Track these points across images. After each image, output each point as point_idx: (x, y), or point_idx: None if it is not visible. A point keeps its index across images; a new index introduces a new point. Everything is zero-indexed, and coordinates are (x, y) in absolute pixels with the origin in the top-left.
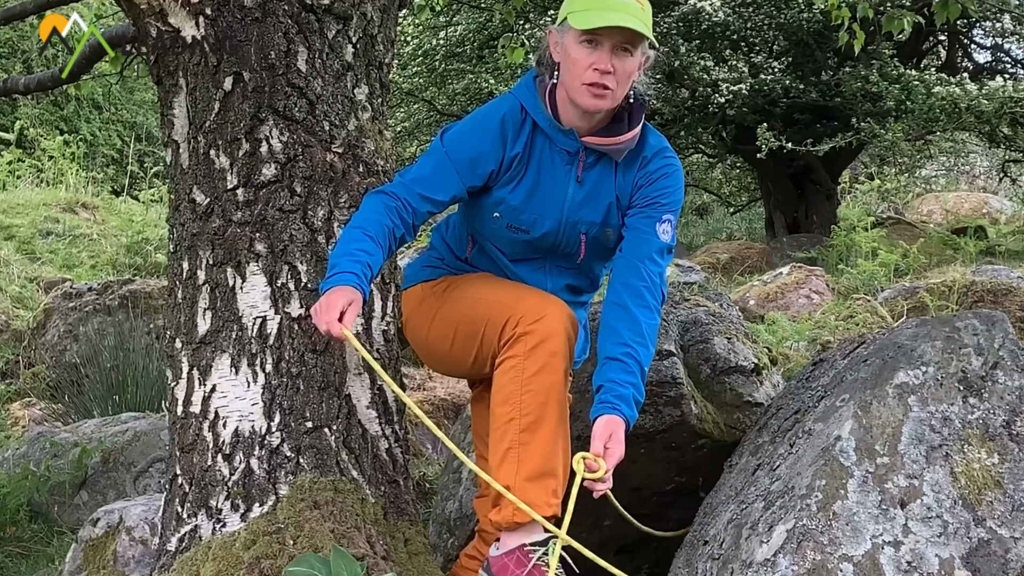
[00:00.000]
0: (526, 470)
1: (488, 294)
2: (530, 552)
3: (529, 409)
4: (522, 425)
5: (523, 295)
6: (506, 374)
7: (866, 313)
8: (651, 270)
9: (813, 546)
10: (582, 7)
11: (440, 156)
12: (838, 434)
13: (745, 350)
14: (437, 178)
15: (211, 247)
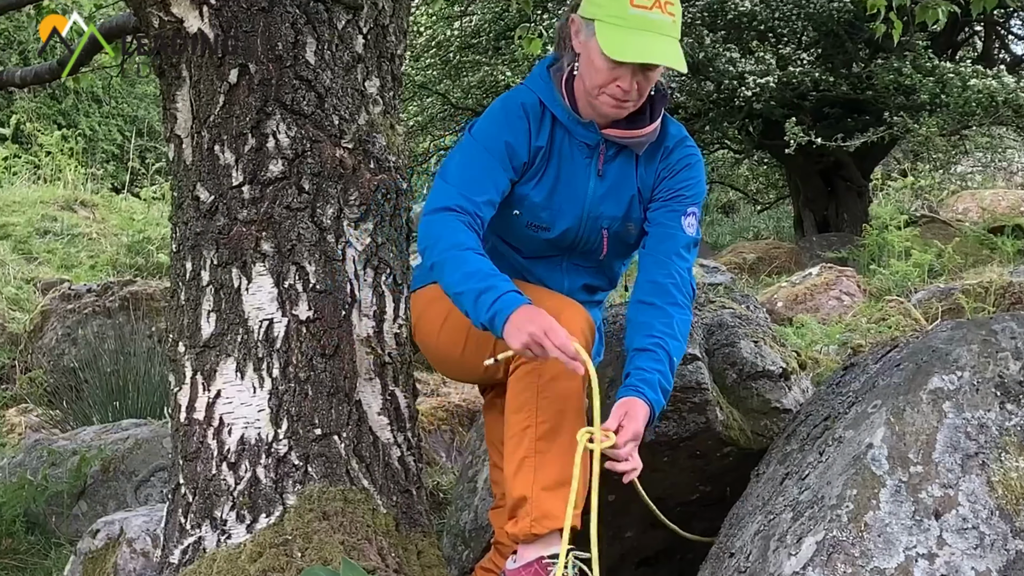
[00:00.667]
0: (543, 479)
1: None
2: (548, 565)
3: (546, 416)
4: (539, 433)
5: (538, 298)
6: (521, 380)
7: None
8: (679, 266)
9: (844, 559)
10: (613, 19)
11: (479, 152)
12: (870, 442)
13: (773, 354)
14: (488, 177)
15: (215, 247)
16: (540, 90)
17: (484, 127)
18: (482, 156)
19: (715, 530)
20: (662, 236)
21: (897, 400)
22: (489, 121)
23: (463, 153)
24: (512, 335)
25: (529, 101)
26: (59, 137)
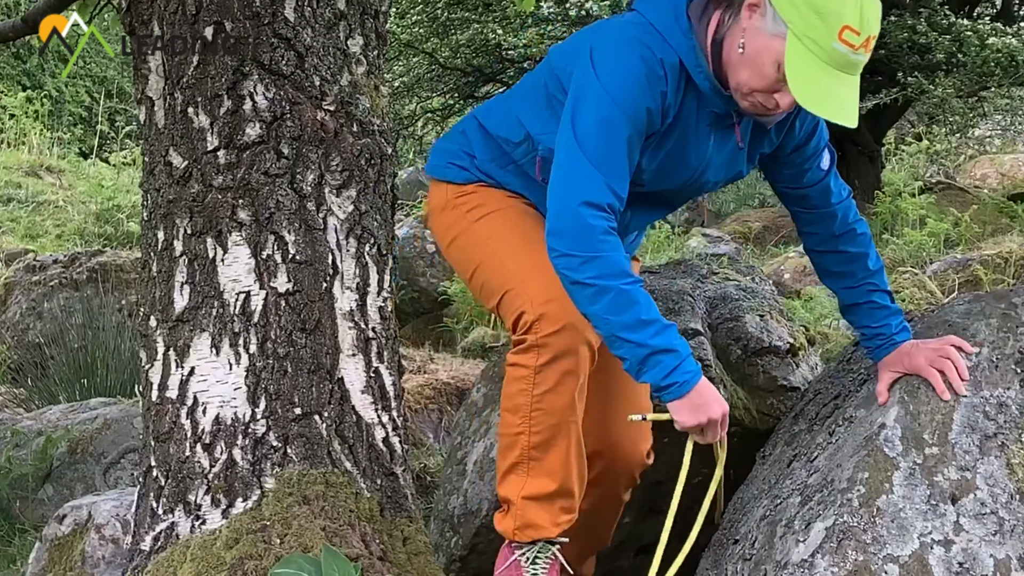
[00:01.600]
0: (531, 488)
1: (511, 262)
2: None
3: (539, 428)
4: (532, 442)
5: (549, 283)
6: (515, 383)
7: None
8: (837, 198)
9: (855, 545)
10: (810, 42)
11: (621, 123)
12: (882, 422)
13: (779, 329)
14: (629, 162)
15: (189, 215)
16: (681, 48)
17: (623, 87)
18: (623, 130)
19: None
20: (813, 193)
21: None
22: (628, 80)
23: (603, 121)
24: (688, 413)
25: (669, 61)
26: (23, 99)
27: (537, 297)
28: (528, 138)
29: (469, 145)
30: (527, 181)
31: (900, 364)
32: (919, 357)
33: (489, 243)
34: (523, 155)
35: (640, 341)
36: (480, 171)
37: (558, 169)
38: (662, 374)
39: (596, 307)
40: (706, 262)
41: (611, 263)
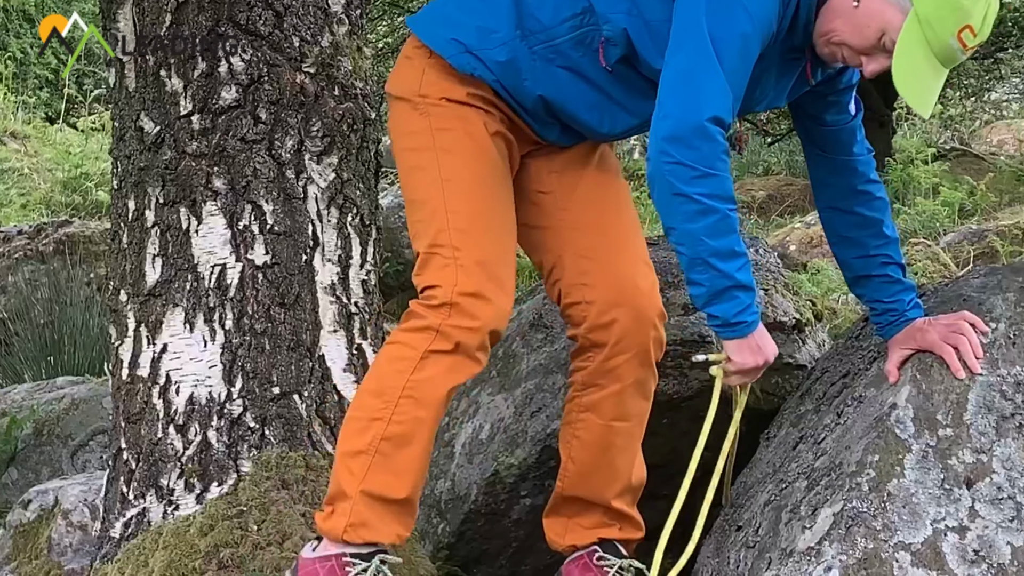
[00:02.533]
0: (374, 484)
1: (459, 225)
2: (348, 565)
3: (403, 419)
4: (389, 432)
5: (486, 271)
6: (393, 362)
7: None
8: (860, 149)
9: (864, 532)
10: (930, 32)
11: (754, 35)
12: (893, 401)
13: (785, 303)
14: (746, 80)
15: (161, 183)
16: None
17: (761, 4)
18: (756, 49)
19: (719, 500)
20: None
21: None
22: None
23: (743, 36)
24: (749, 353)
25: None
26: None
27: (465, 284)
28: (589, 11)
29: (492, 16)
30: (561, 71)
31: (912, 341)
32: (932, 333)
33: (446, 186)
34: (571, 32)
35: (728, 271)
36: (493, 58)
37: (691, 71)
38: (735, 310)
39: (695, 225)
40: None
41: (725, 184)
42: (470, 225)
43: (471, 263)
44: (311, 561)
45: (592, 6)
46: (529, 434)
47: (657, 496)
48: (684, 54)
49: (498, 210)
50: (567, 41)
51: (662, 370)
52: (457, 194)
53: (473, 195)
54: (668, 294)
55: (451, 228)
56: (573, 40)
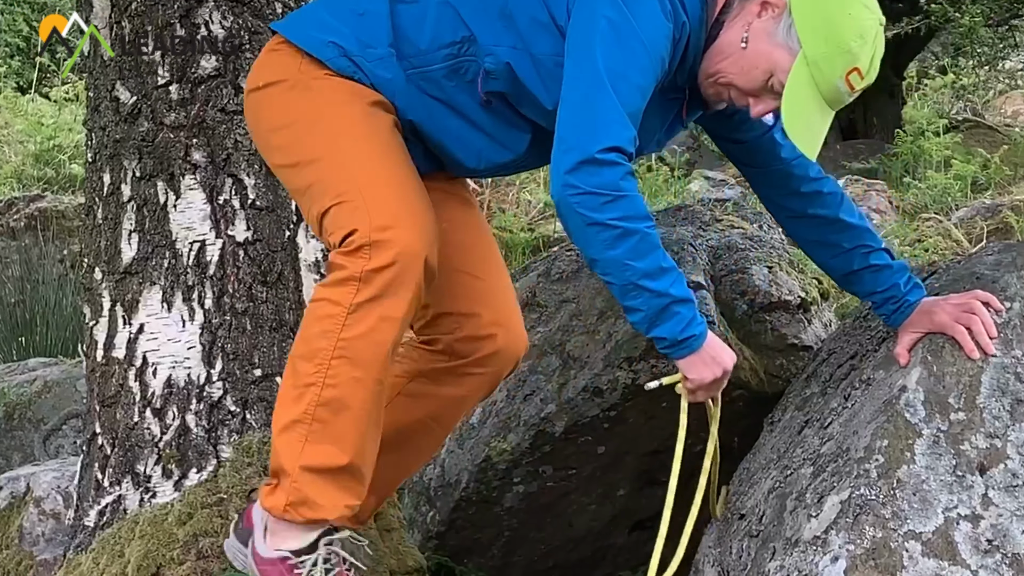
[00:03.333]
0: (312, 457)
1: (360, 169)
2: (296, 568)
3: (336, 382)
4: (323, 398)
5: (399, 206)
6: (319, 321)
7: (937, 236)
8: (789, 153)
9: (873, 521)
10: (818, 73)
11: (649, 67)
12: (903, 384)
13: (790, 281)
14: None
15: (138, 156)
16: (695, 18)
17: (656, 38)
18: (652, 81)
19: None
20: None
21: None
22: (660, 31)
23: (639, 69)
24: (704, 368)
25: (679, 22)
26: None
27: (379, 218)
28: (469, 41)
29: (368, 31)
30: (432, 100)
31: (922, 323)
32: (942, 314)
33: (339, 140)
34: (446, 61)
35: (661, 289)
36: (373, 71)
37: (587, 103)
38: (680, 326)
39: (617, 251)
40: (709, 208)
41: (637, 204)
42: (376, 172)
43: (382, 200)
44: (262, 560)
45: (474, 36)
46: (522, 418)
47: (656, 482)
48: (580, 88)
49: (400, 156)
50: (441, 69)
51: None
52: (356, 144)
53: (374, 145)
54: None
55: (355, 176)
56: (447, 68)
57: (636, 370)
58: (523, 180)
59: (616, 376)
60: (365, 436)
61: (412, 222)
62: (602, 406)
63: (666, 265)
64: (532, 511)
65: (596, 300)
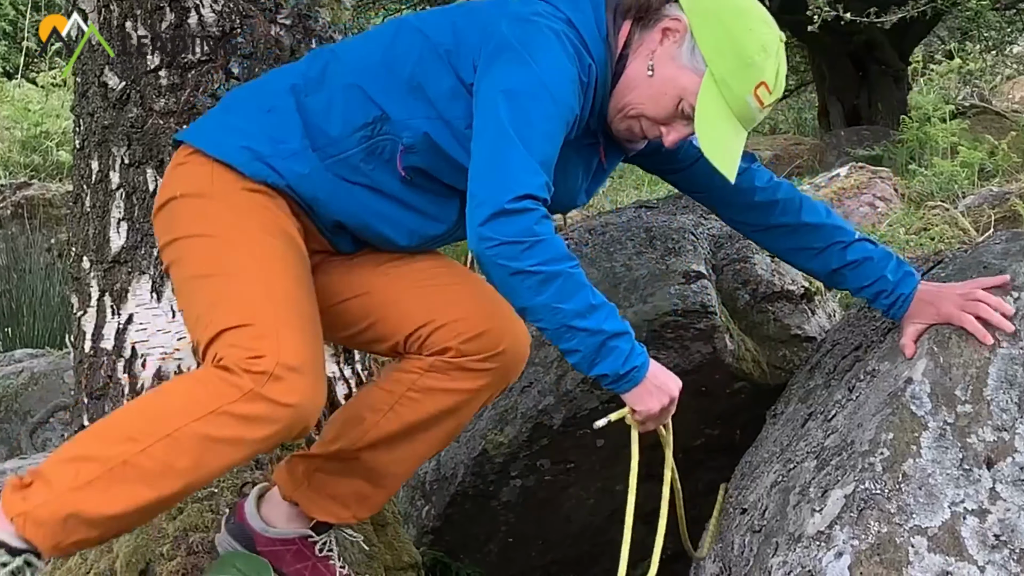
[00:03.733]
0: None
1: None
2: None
3: (154, 458)
4: (132, 459)
5: (310, 348)
6: (188, 393)
7: (944, 225)
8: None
9: (878, 515)
10: (728, 91)
11: (559, 124)
12: (909, 376)
13: (793, 271)
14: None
15: (127, 142)
16: (599, 58)
17: (561, 84)
18: (561, 129)
19: (724, 481)
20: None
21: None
22: (564, 78)
23: (545, 116)
24: (650, 396)
25: (585, 64)
26: None
27: (289, 357)
28: (382, 120)
29: (278, 127)
30: (355, 187)
31: (926, 314)
32: (946, 304)
33: (252, 260)
34: (361, 143)
35: (594, 327)
36: (289, 167)
37: (493, 156)
38: (620, 360)
39: (543, 296)
40: None
41: (555, 246)
42: (290, 302)
43: (295, 340)
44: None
45: (386, 114)
46: (519, 411)
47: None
48: (486, 142)
49: (311, 295)
50: (358, 153)
51: (662, 342)
52: (271, 269)
53: (290, 274)
54: (668, 261)
55: (268, 304)
56: (364, 151)
57: None
58: None
59: None
60: (132, 521)
61: (317, 376)
62: (601, 398)
63: (595, 302)
64: (530, 506)
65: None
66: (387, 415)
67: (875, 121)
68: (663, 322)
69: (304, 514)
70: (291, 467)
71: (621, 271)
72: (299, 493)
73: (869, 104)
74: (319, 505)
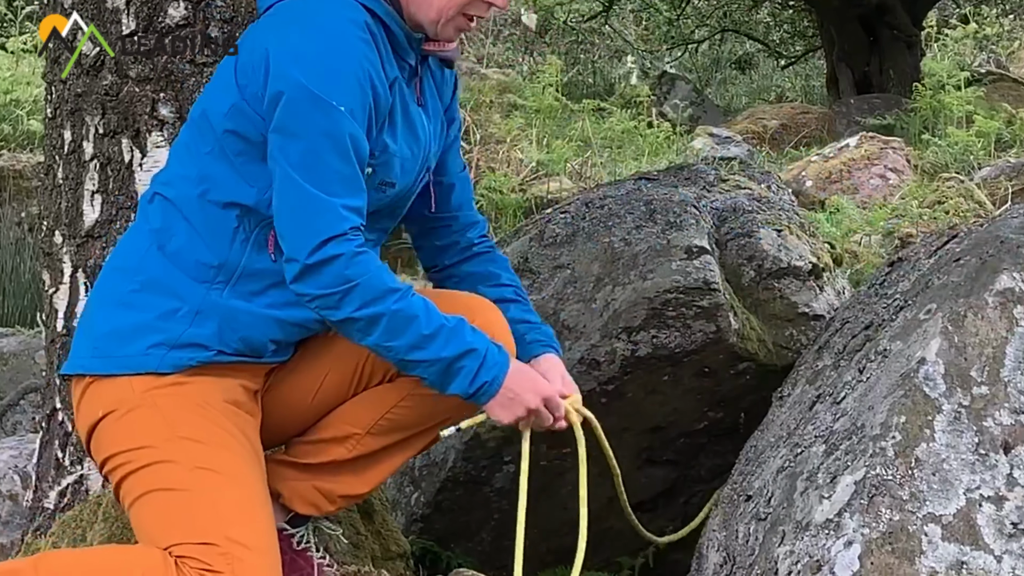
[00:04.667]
0: None
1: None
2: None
3: None
4: None
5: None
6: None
7: (959, 198)
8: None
9: (890, 503)
10: None
11: (337, 121)
12: (922, 356)
13: (801, 246)
14: (359, 157)
15: (101, 111)
16: (377, 6)
17: (329, 72)
18: (346, 129)
19: (728, 467)
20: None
21: (956, 303)
22: (333, 58)
23: (320, 133)
24: (505, 407)
25: (361, 19)
26: None
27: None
28: (245, 212)
29: (159, 298)
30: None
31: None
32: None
33: (204, 475)
34: (242, 247)
35: (432, 357)
36: (196, 336)
37: (282, 208)
38: (467, 381)
39: (374, 337)
40: (713, 167)
41: (371, 287)
42: (240, 514)
43: (251, 556)
44: None
45: (245, 205)
46: None
47: (657, 461)
48: (278, 198)
49: (262, 495)
50: (245, 260)
51: (662, 320)
52: (218, 480)
53: (236, 480)
54: (670, 236)
55: (220, 518)
56: (252, 251)
57: (635, 341)
58: (514, 138)
59: (614, 347)
60: None
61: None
62: (599, 379)
63: (427, 332)
64: None
65: (592, 266)
66: (378, 422)
67: (886, 89)
68: (664, 300)
69: (282, 507)
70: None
71: (620, 246)
72: (282, 483)
73: (880, 71)
74: (302, 497)
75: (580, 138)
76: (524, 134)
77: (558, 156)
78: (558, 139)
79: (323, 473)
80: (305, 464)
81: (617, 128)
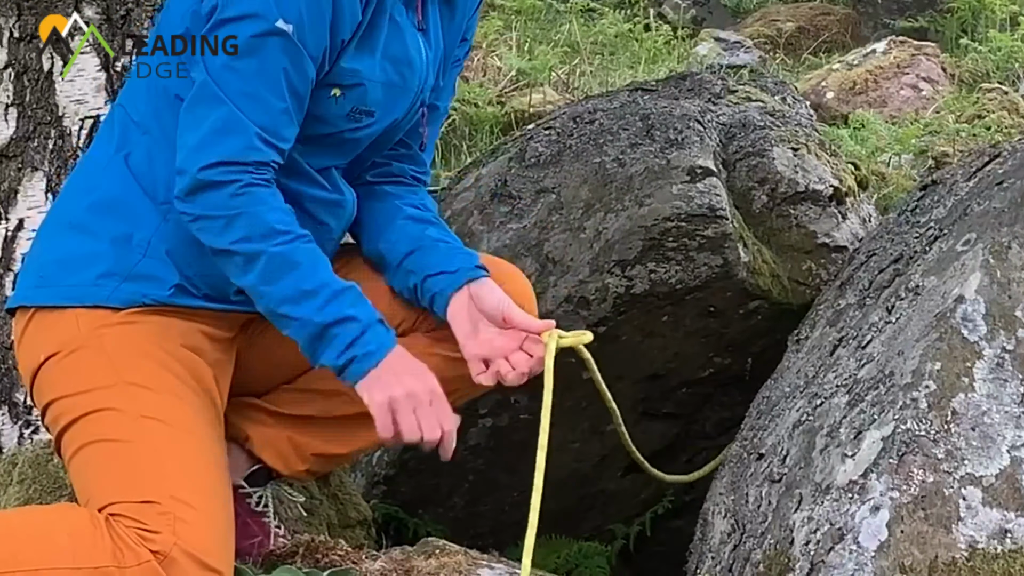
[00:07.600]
0: None
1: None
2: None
3: None
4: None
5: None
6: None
7: (1001, 111)
8: None
9: (922, 462)
10: None
11: (287, 53)
12: (960, 293)
13: (820, 167)
14: (303, 78)
15: (16, 11)
16: None
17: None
18: (285, 41)
19: (737, 420)
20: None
21: (999, 233)
22: None
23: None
24: (379, 390)
25: None
26: None
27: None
28: None
29: (115, 220)
30: None
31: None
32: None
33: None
34: None
35: (306, 316)
36: (152, 270)
37: (190, 116)
38: (335, 353)
39: (248, 278)
40: (720, 76)
41: (259, 221)
42: (188, 470)
43: (196, 518)
44: None
45: None
46: None
47: (656, 414)
48: (189, 103)
49: (215, 451)
50: None
51: (662, 252)
52: (165, 432)
53: (186, 433)
54: (670, 155)
55: (164, 473)
56: None
57: (630, 276)
58: (491, 42)
59: (606, 283)
60: None
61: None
62: (589, 320)
63: (308, 287)
64: (502, 450)
65: (581, 190)
66: None
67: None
68: (663, 228)
69: (248, 455)
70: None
71: (612, 167)
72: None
73: None
74: (273, 446)
75: (567, 43)
76: (503, 38)
77: (542, 63)
78: (542, 44)
79: (301, 425)
80: (284, 414)
81: (609, 31)
